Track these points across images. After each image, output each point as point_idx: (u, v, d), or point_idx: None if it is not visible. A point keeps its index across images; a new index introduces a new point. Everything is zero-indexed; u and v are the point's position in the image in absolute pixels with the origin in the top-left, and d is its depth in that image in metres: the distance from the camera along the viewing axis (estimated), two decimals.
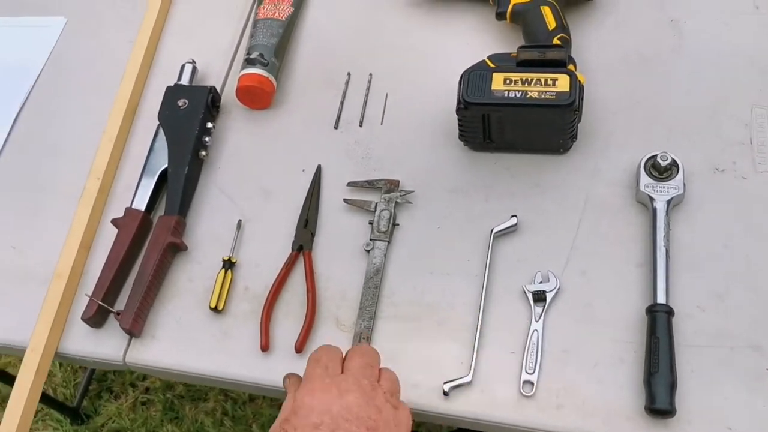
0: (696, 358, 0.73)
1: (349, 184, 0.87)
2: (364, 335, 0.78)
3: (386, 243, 0.83)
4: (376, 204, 0.85)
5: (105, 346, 0.83)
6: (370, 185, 0.87)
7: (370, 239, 0.83)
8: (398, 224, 0.84)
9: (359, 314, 0.79)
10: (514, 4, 0.91)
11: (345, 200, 0.86)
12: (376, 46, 0.99)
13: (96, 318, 0.83)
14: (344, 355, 0.67)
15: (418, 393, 0.75)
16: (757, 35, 0.90)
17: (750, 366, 0.72)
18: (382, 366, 0.67)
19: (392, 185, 0.86)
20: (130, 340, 0.83)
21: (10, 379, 1.41)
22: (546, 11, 0.89)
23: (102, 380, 1.69)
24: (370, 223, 0.84)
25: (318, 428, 0.59)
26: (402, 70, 0.96)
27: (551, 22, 0.88)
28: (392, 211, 0.84)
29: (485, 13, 0.96)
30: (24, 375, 0.81)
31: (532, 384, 0.74)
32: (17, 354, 0.85)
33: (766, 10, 0.92)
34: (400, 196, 0.85)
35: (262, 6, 1.00)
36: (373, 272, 0.81)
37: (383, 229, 0.83)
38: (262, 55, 0.94)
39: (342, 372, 0.64)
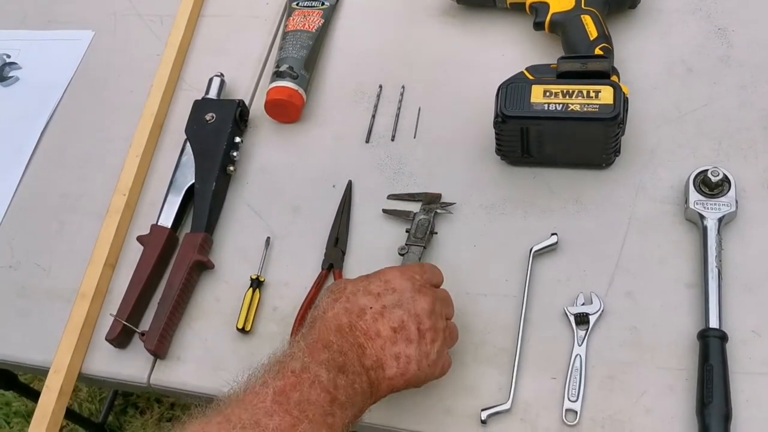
0: (751, 386, 0.69)
1: (390, 196, 0.84)
2: None
3: (422, 248, 0.79)
4: (415, 213, 0.82)
5: (129, 367, 0.81)
6: (411, 198, 0.84)
7: (406, 243, 0.80)
8: (436, 232, 0.81)
9: None
10: (553, 14, 0.88)
11: (384, 210, 0.84)
12: (409, 58, 0.96)
13: (120, 338, 0.80)
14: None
15: (452, 420, 0.71)
16: None
17: None
18: None
19: (433, 197, 0.83)
20: (154, 362, 0.80)
21: (34, 395, 1.40)
22: (587, 20, 0.85)
23: (127, 395, 1.67)
24: (407, 231, 0.81)
25: (385, 294, 0.65)
26: (435, 82, 0.93)
27: (592, 32, 0.85)
28: (431, 219, 0.81)
29: (522, 23, 0.93)
30: (47, 396, 0.79)
31: (576, 413, 0.69)
32: (40, 374, 0.83)
33: None
34: (441, 206, 0.82)
35: (291, 18, 0.98)
36: None
37: (420, 235, 0.80)
38: (291, 68, 0.92)
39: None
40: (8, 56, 1.08)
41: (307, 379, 0.57)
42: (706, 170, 0.76)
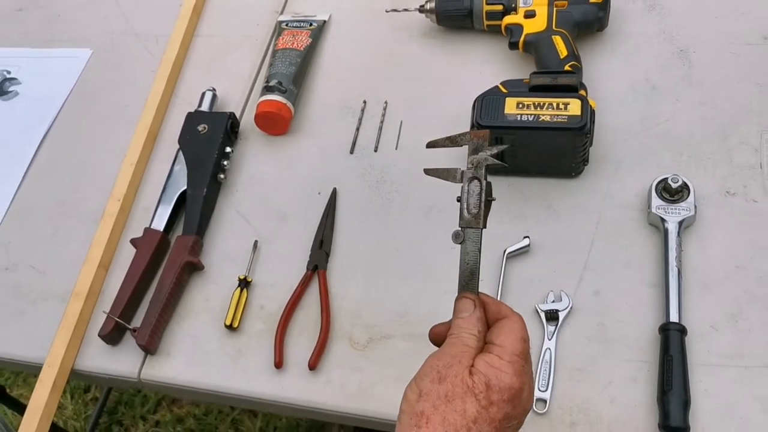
0: (709, 377, 0.73)
1: (428, 144, 0.68)
2: None
3: (479, 231, 0.61)
4: (462, 172, 0.63)
5: (120, 363, 0.84)
6: (452, 143, 0.66)
7: (460, 227, 0.62)
8: (494, 198, 0.63)
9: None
10: (527, 34, 0.94)
11: (425, 170, 0.67)
12: (391, 75, 1.01)
13: (113, 335, 0.84)
14: None
15: None
16: (765, 64, 0.92)
17: (764, 385, 0.72)
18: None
19: (480, 140, 0.63)
20: (145, 357, 0.84)
21: (22, 409, 1.42)
22: (557, 40, 0.91)
23: (113, 413, 1.68)
24: (458, 199, 0.63)
25: (511, 402, 0.55)
26: (416, 98, 0.98)
27: (563, 51, 0.91)
28: (482, 180, 0.62)
29: (498, 43, 0.99)
30: (40, 390, 0.82)
31: (545, 402, 0.74)
32: (34, 371, 0.86)
33: None
34: (491, 155, 0.63)
35: (281, 37, 1.03)
36: (468, 276, 0.62)
37: (474, 210, 0.61)
38: (280, 83, 0.97)
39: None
40: (8, 72, 1.13)
41: None
42: (667, 178, 0.82)
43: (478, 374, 0.55)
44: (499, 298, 0.80)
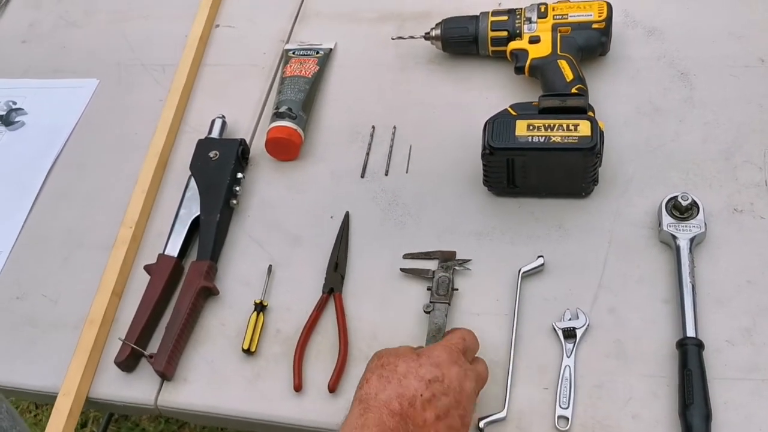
0: (728, 391, 0.74)
1: (405, 255, 0.87)
2: None
3: (447, 305, 0.82)
4: (434, 271, 0.84)
5: (136, 390, 0.83)
6: (426, 256, 0.87)
7: (431, 301, 0.82)
8: (457, 289, 0.83)
9: None
10: (532, 59, 0.96)
11: (402, 270, 0.86)
12: (399, 101, 1.03)
13: (128, 362, 0.83)
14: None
15: None
16: (765, 85, 0.95)
17: None
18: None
19: (449, 255, 0.86)
20: (161, 384, 0.83)
21: None
22: (563, 64, 0.94)
23: None
24: (429, 289, 0.83)
25: (433, 382, 0.68)
26: (424, 122, 1.00)
27: (569, 75, 0.93)
28: (450, 276, 0.83)
29: (504, 68, 1.01)
30: (56, 418, 0.81)
31: (567, 419, 0.74)
32: (48, 400, 0.85)
33: None
34: (458, 263, 0.85)
35: (288, 65, 1.05)
36: (436, 331, 0.80)
37: (443, 293, 0.82)
38: (290, 109, 0.98)
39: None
40: (14, 103, 1.13)
41: None
42: (677, 196, 0.84)
43: (417, 350, 0.71)
44: (515, 318, 0.81)
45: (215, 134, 1.00)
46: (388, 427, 0.64)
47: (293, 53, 1.07)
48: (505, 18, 0.99)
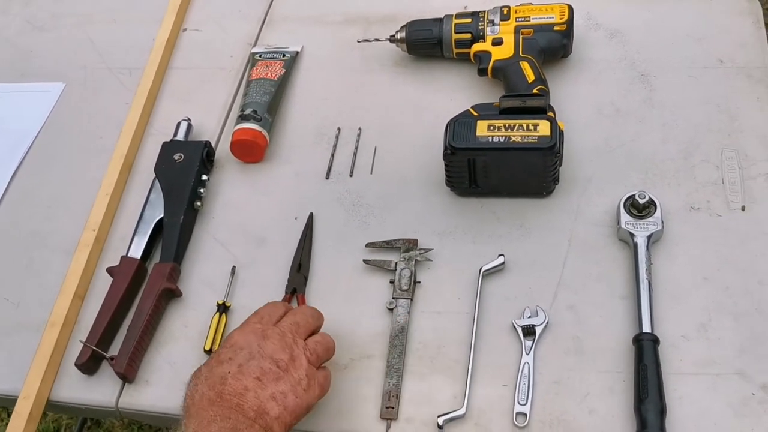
0: (683, 385, 0.75)
1: (367, 245, 0.88)
2: (393, 393, 0.77)
3: (409, 301, 0.83)
4: (396, 263, 0.86)
5: (98, 392, 0.83)
6: (388, 245, 0.88)
7: (393, 297, 0.83)
8: (419, 282, 0.85)
9: (387, 372, 0.79)
10: (495, 61, 0.97)
11: (365, 261, 0.87)
12: (365, 103, 1.03)
13: (89, 364, 0.83)
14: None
15: (412, 427, 0.76)
16: (722, 86, 0.96)
17: (736, 392, 0.74)
18: (325, 331, 0.77)
19: (411, 244, 0.87)
20: (123, 386, 0.83)
21: None
22: (525, 66, 0.95)
23: None
24: (392, 281, 0.85)
25: (235, 356, 0.69)
26: (389, 124, 1.01)
27: (530, 76, 0.94)
28: (413, 269, 0.85)
29: (468, 70, 1.02)
30: (16, 421, 0.80)
31: (525, 415, 0.75)
32: (8, 404, 0.85)
33: (729, 63, 0.98)
34: (420, 254, 0.86)
35: (255, 68, 1.05)
36: (399, 330, 0.81)
37: (405, 287, 0.84)
38: (255, 112, 0.98)
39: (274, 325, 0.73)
40: None
41: None
42: (634, 194, 0.85)
43: None
44: (476, 315, 0.81)
45: (180, 137, 1.00)
46: (206, 417, 0.64)
47: (260, 56, 1.08)
48: (468, 21, 1.00)
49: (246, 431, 0.64)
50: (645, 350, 0.75)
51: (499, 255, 0.85)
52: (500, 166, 0.87)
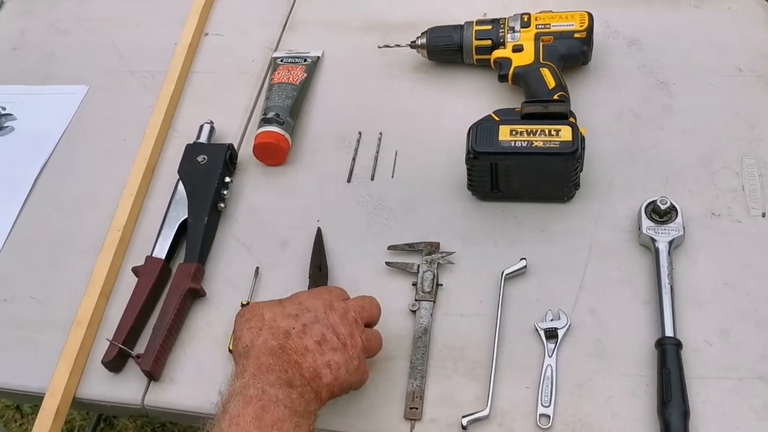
0: (706, 389, 0.75)
1: (390, 248, 0.89)
2: (417, 394, 0.78)
3: (432, 303, 0.84)
4: (419, 266, 0.87)
5: (123, 390, 0.84)
6: (410, 248, 0.89)
7: (416, 299, 0.84)
8: (441, 284, 0.86)
9: (410, 373, 0.80)
10: (515, 67, 0.98)
11: (387, 263, 0.88)
12: (385, 108, 1.05)
13: (115, 362, 0.84)
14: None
15: (436, 428, 0.76)
16: (742, 94, 0.97)
17: (758, 396, 0.75)
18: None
19: (433, 247, 0.88)
20: (148, 384, 0.84)
21: None
22: (545, 72, 0.96)
23: None
24: (414, 284, 0.86)
25: (301, 314, 0.71)
26: (410, 129, 1.02)
27: (551, 82, 0.95)
28: (435, 271, 0.86)
29: (487, 76, 1.03)
30: (43, 418, 0.81)
31: (549, 417, 0.75)
32: (36, 401, 0.86)
33: (748, 72, 0.99)
34: (442, 256, 0.87)
35: (276, 72, 1.07)
36: (422, 332, 0.82)
37: (427, 290, 0.85)
38: (278, 115, 1.00)
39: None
40: (4, 108, 1.14)
41: (268, 400, 0.63)
42: (656, 200, 0.86)
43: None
44: (498, 318, 0.82)
45: (203, 139, 1.01)
46: (265, 364, 0.66)
47: (281, 61, 1.09)
48: (489, 27, 1.02)
49: (299, 389, 0.66)
50: (668, 354, 0.75)
51: (521, 259, 0.86)
52: (522, 170, 0.87)
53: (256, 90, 1.10)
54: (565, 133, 0.85)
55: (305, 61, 1.09)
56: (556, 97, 0.93)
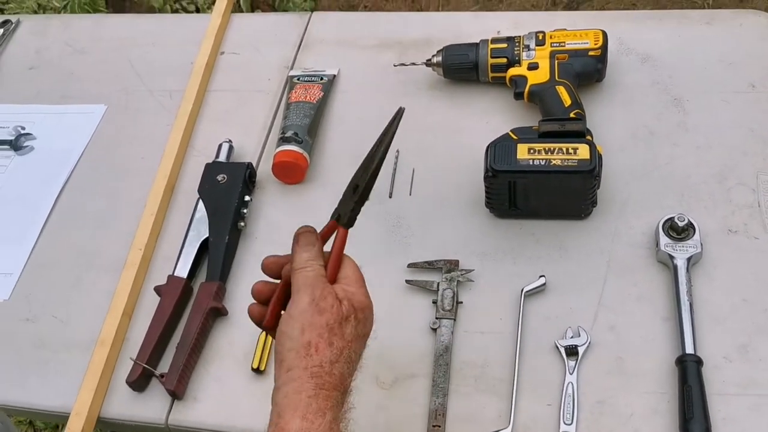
0: (726, 406, 0.76)
1: (410, 265, 0.90)
2: (439, 412, 0.79)
3: (452, 321, 0.85)
4: (438, 283, 0.88)
5: (147, 409, 0.85)
6: (429, 266, 0.90)
7: (436, 317, 0.85)
8: (461, 302, 0.86)
9: (432, 391, 0.81)
10: (531, 85, 0.99)
11: (407, 281, 0.89)
12: (402, 126, 1.05)
13: (139, 381, 0.85)
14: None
15: None
16: (755, 110, 0.98)
17: None
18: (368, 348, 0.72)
19: (452, 265, 0.89)
20: (172, 403, 0.85)
21: None
22: (561, 90, 0.97)
23: None
24: (434, 302, 0.87)
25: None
26: (427, 147, 1.03)
27: (566, 100, 0.96)
28: (455, 289, 0.87)
29: (503, 94, 1.04)
30: None
31: None
32: (59, 420, 0.87)
33: (762, 88, 1.00)
34: (461, 274, 0.88)
35: (294, 91, 1.08)
36: (443, 350, 0.83)
37: (448, 308, 0.85)
38: (296, 134, 1.01)
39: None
40: (23, 128, 1.15)
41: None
42: (673, 217, 0.86)
43: (344, 301, 0.66)
44: (519, 336, 0.83)
45: (222, 158, 1.02)
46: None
47: (298, 79, 1.10)
48: (504, 45, 1.03)
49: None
50: (689, 371, 0.76)
51: (540, 276, 0.86)
52: (540, 188, 0.88)
53: (273, 108, 1.11)
54: (583, 151, 0.86)
55: (321, 79, 1.10)
56: (572, 114, 0.94)
